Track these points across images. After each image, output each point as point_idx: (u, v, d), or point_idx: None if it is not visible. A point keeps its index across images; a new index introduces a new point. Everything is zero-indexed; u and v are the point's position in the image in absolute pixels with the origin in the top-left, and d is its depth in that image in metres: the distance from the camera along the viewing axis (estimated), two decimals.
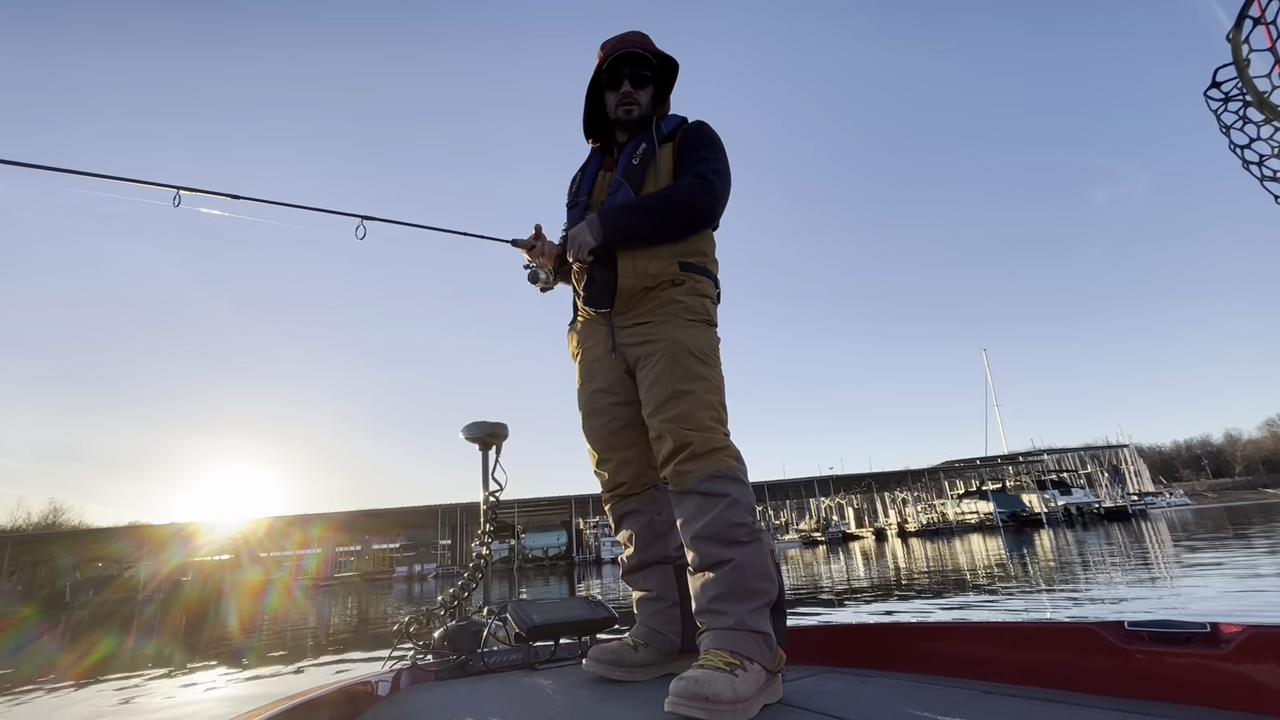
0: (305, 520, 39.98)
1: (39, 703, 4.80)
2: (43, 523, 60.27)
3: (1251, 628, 0.91)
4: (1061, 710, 0.95)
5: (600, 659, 1.43)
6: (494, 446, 2.24)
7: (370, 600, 17.26)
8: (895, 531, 42.23)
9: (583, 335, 1.60)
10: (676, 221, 1.44)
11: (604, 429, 1.53)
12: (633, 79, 1.56)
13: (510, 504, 39.93)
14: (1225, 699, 0.91)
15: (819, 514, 48.55)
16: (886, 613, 6.19)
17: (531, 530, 41.94)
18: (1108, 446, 65.30)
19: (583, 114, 1.69)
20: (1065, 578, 7.77)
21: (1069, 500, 39.94)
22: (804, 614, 6.52)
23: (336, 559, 45.58)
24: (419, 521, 43.26)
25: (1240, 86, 1.05)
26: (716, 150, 1.50)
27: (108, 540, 38.64)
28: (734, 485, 1.30)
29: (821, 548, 30.02)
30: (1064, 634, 1.11)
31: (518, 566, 37.16)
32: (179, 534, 38.07)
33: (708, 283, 1.50)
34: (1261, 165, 1.05)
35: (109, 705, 4.54)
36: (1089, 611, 5.11)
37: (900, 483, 51.73)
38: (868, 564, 14.38)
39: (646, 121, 1.60)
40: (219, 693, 4.78)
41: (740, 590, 1.22)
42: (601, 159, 1.67)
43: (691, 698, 1.03)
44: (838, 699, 1.13)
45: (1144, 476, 66.39)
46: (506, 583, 21.10)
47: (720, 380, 1.43)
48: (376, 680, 1.51)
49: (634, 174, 1.50)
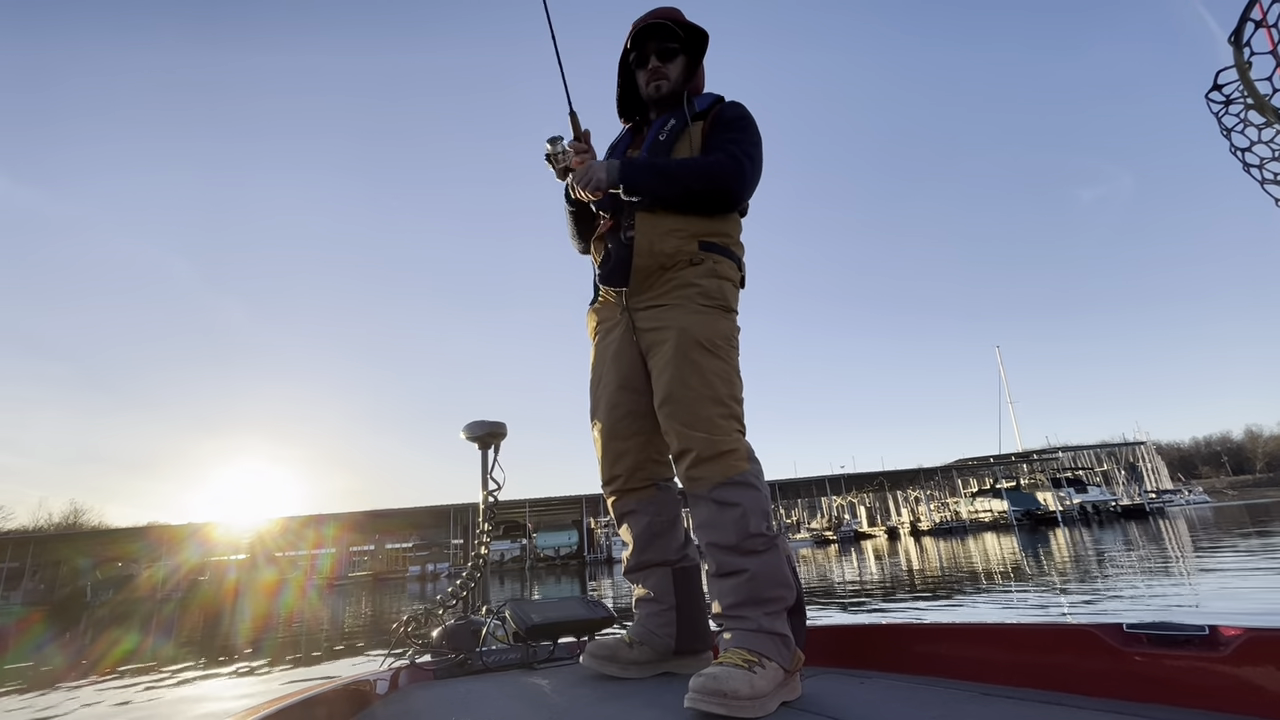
0: (319, 520, 40.36)
1: (65, 696, 4.91)
2: (64, 523, 61.36)
3: (1250, 630, 0.90)
4: (1060, 712, 0.95)
5: (596, 654, 1.43)
6: (493, 446, 2.23)
7: (383, 599, 17.40)
8: (908, 530, 41.90)
9: (601, 316, 1.56)
10: (698, 194, 1.36)
11: (608, 415, 1.48)
12: (660, 53, 1.51)
13: (521, 503, 40.12)
14: (1224, 701, 0.90)
15: (831, 513, 48.30)
16: (907, 611, 6.17)
17: (543, 530, 42.12)
18: (1125, 444, 64.33)
19: (616, 94, 1.64)
20: (1082, 577, 7.68)
21: (1085, 498, 39.46)
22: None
23: (350, 558, 45.96)
24: (430, 521, 43.55)
25: (1242, 89, 1.04)
26: (751, 133, 1.44)
27: (127, 540, 39.26)
28: (746, 493, 1.27)
29: (833, 547, 29.87)
30: (1062, 636, 1.10)
31: (530, 566, 37.33)
32: (196, 534, 38.60)
33: (729, 264, 1.41)
34: (1263, 168, 1.05)
35: (132, 698, 4.63)
36: (1111, 612, 5.06)
37: (913, 481, 51.32)
38: (880, 563, 14.30)
39: (677, 97, 1.53)
40: (237, 688, 4.86)
41: (757, 598, 1.22)
42: (632, 137, 1.61)
43: (711, 693, 1.04)
44: (836, 700, 1.13)
45: (1162, 474, 65.38)
46: (519, 582, 21.19)
47: (734, 372, 1.36)
48: (375, 679, 1.51)
49: (660, 149, 1.45)
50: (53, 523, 60.49)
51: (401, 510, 40.08)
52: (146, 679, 5.73)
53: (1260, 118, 1.01)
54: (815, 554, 23.15)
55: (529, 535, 41.13)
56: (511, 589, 17.26)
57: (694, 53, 1.57)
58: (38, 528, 56.30)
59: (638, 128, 1.63)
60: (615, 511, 1.54)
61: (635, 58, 1.54)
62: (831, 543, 35.25)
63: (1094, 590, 6.39)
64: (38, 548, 38.16)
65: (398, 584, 31.38)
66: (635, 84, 1.59)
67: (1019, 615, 5.27)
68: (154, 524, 44.87)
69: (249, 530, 41.31)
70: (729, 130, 1.43)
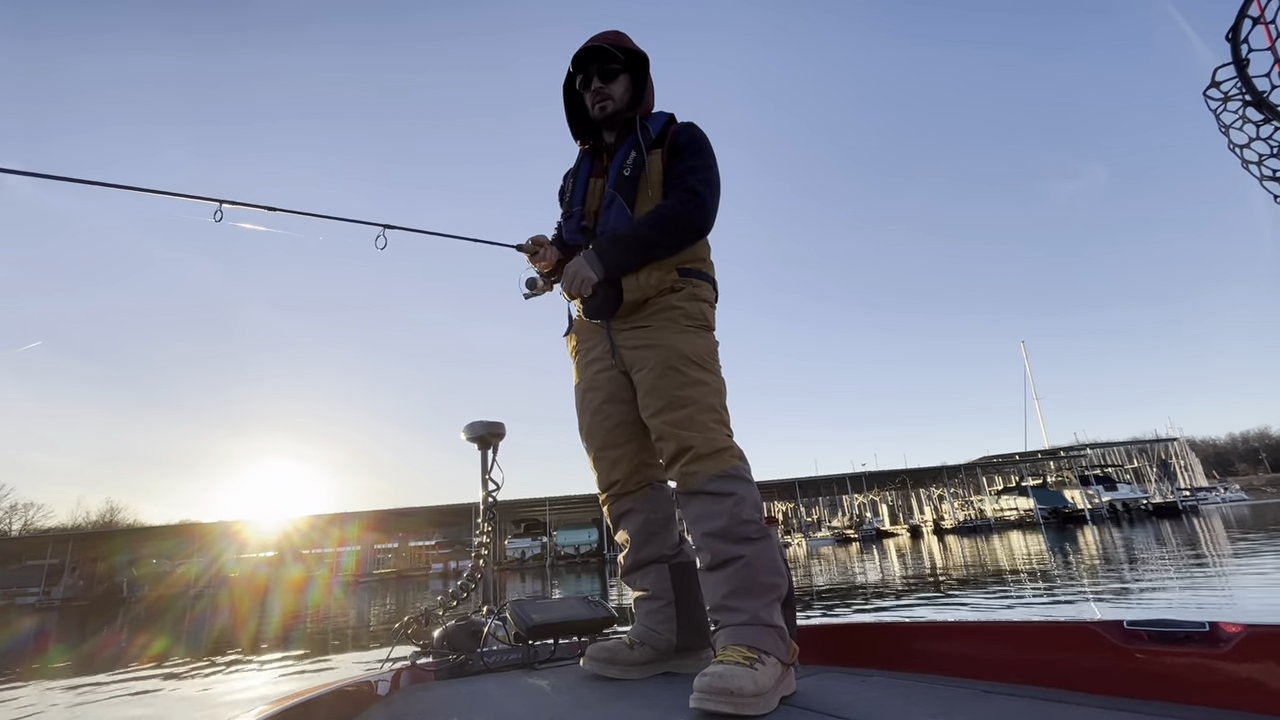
0: (343, 519, 41.04)
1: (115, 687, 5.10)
2: (100, 521, 63.22)
3: (1251, 627, 0.91)
4: (1061, 710, 0.95)
5: (596, 657, 1.45)
6: (492, 446, 2.25)
7: (406, 596, 17.67)
8: (931, 529, 41.34)
9: (581, 337, 1.63)
10: (673, 243, 1.45)
11: (599, 427, 1.54)
12: (601, 74, 1.56)
13: (541, 502, 40.38)
14: (1224, 698, 0.90)
15: (852, 511, 47.80)
16: (933, 609, 6.11)
17: (563, 528, 42.35)
18: (1156, 440, 62.56)
19: (565, 118, 1.69)
20: (1111, 576, 7.53)
21: (1114, 496, 38.45)
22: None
23: (374, 556, 46.67)
24: (452, 520, 43.96)
25: (1239, 86, 1.04)
26: (704, 157, 1.50)
27: (160, 538, 40.31)
28: (740, 484, 1.33)
29: (855, 545, 29.59)
30: (1063, 633, 1.10)
31: (550, 564, 37.58)
32: (226, 531, 39.50)
33: (706, 287, 1.51)
34: (1261, 165, 1.04)
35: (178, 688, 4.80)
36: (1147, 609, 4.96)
37: (936, 479, 50.54)
38: (903, 561, 14.15)
39: (630, 123, 1.58)
40: (274, 680, 5.00)
41: (753, 586, 1.25)
42: (592, 164, 1.66)
43: (717, 693, 1.05)
44: (837, 698, 1.14)
45: (1196, 471, 63.44)
46: (540, 580, 21.35)
47: (720, 384, 1.45)
48: (376, 680, 1.51)
49: (625, 185, 1.51)
50: (90, 521, 62.45)
51: (424, 509, 40.59)
52: (185, 670, 5.93)
53: (1258, 114, 1.00)
54: (836, 552, 22.95)
55: (550, 534, 41.43)
56: (533, 587, 17.40)
57: (637, 72, 1.60)
58: (76, 526, 58.12)
59: (595, 151, 1.67)
60: (613, 514, 1.58)
61: (580, 81, 1.59)
62: (853, 541, 34.90)
63: (1124, 588, 6.27)
64: (77, 545, 39.35)
65: (420, 581, 31.80)
66: (584, 107, 1.63)
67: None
68: (186, 522, 46.10)
69: (276, 528, 42.19)
70: (685, 158, 1.49)
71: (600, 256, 1.43)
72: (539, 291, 1.67)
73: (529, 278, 1.66)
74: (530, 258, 1.69)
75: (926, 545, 22.25)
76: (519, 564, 38.14)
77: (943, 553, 16.30)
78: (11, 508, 55.75)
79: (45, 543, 39.49)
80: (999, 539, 22.01)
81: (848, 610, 6.52)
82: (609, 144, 1.63)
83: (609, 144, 1.63)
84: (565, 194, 1.70)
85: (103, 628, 13.42)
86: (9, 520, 54.99)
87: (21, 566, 37.81)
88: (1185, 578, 6.76)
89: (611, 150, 1.61)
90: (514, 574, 29.66)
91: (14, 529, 53.98)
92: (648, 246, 1.43)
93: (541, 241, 1.70)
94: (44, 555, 38.13)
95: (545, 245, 1.69)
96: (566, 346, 1.70)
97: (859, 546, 26.94)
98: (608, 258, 1.43)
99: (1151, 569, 7.92)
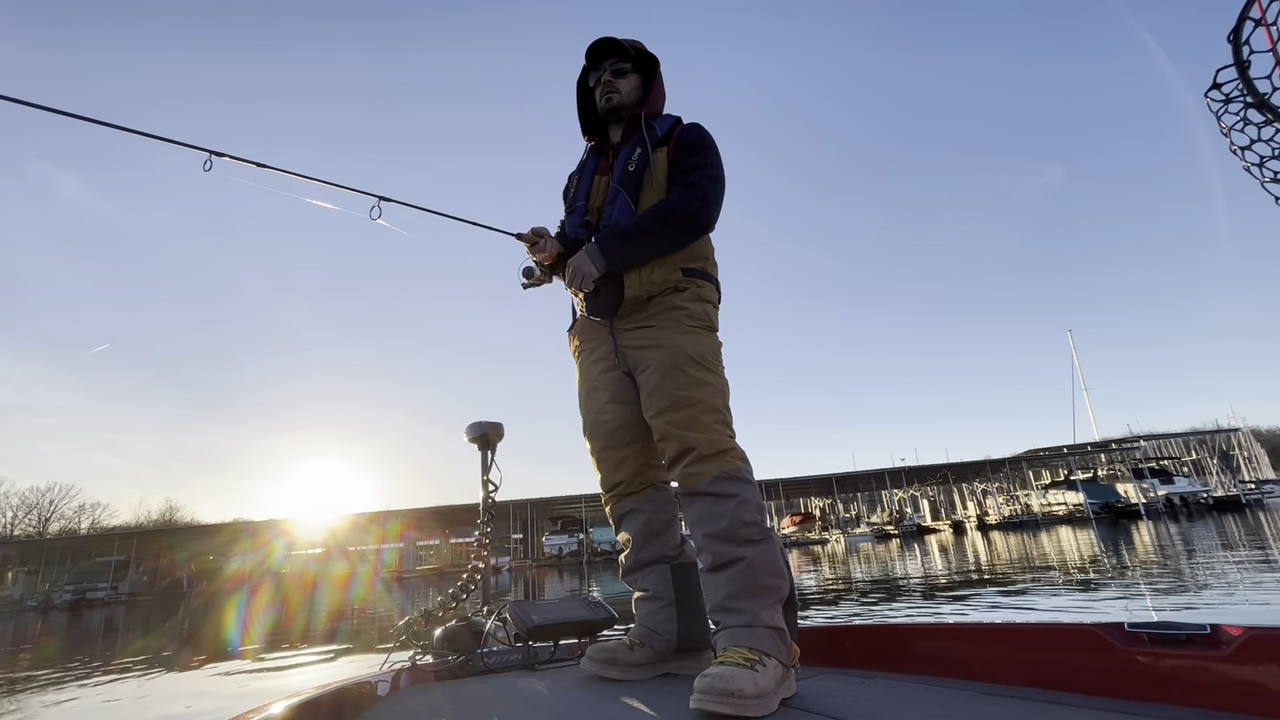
0: (385, 516, 42.24)
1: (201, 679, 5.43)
2: (161, 519, 66.35)
3: (1251, 629, 0.91)
4: (1062, 711, 0.95)
5: (596, 658, 1.45)
6: (491, 446, 2.26)
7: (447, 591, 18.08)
8: (975, 524, 40.26)
9: (583, 336, 1.63)
10: (676, 238, 1.46)
11: (602, 427, 1.54)
12: (612, 71, 1.60)
13: (577, 499, 40.78)
14: (1225, 701, 0.90)
15: (892, 506, 46.90)
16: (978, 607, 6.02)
17: (599, 524, 42.71)
18: (1217, 430, 59.54)
19: (577, 114, 1.72)
20: (1171, 575, 7.17)
21: (1171, 490, 36.81)
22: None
23: (416, 553, 47.89)
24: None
25: (1241, 88, 1.03)
26: (709, 155, 1.51)
27: (215, 535, 42.23)
28: (742, 485, 1.33)
29: (895, 541, 29.05)
30: (1064, 635, 1.10)
31: (587, 560, 37.97)
32: (276, 529, 41.15)
33: (709, 287, 1.51)
34: (1262, 166, 1.02)
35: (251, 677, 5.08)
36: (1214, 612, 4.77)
37: (979, 474, 49.14)
38: (945, 557, 13.86)
39: (635, 120, 1.60)
40: (325, 668, 5.25)
41: (754, 587, 1.25)
42: (598, 161, 1.67)
43: (718, 694, 1.05)
44: (837, 700, 1.14)
45: (1261, 462, 59.97)
46: (577, 576, 21.60)
47: (723, 385, 1.44)
48: (376, 680, 1.51)
49: (630, 180, 1.52)
50: (151, 519, 65.56)
51: (463, 506, 41.47)
52: (247, 662, 6.25)
53: (1259, 116, 0.99)
54: (875, 549, 22.58)
55: (585, 530, 41.86)
56: (570, 584, 17.63)
57: (647, 72, 1.64)
58: (139, 524, 61.17)
59: (600, 148, 1.69)
60: (615, 515, 1.58)
61: (592, 76, 1.63)
62: (893, 537, 34.27)
63: (1186, 589, 6.04)
64: (141, 542, 41.51)
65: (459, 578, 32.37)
66: (595, 103, 1.66)
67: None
68: (239, 520, 48.18)
69: (323, 526, 43.72)
70: (691, 155, 1.51)
71: (603, 251, 1.44)
72: (536, 281, 1.67)
73: (526, 266, 1.66)
74: (530, 248, 1.68)
75: (971, 541, 21.71)
76: (556, 560, 38.63)
77: (988, 548, 15.89)
78: (80, 507, 58.93)
79: (112, 540, 41.78)
80: (1047, 535, 21.33)
81: (896, 612, 6.46)
82: (615, 142, 1.65)
83: (615, 142, 1.65)
84: (570, 190, 1.71)
85: (165, 621, 14.16)
86: (78, 519, 58.22)
87: (91, 563, 40.08)
88: (1252, 576, 6.41)
89: (617, 148, 1.63)
90: (552, 571, 30.03)
91: (83, 527, 57.09)
92: (651, 240, 1.44)
93: (542, 233, 1.69)
94: (111, 552, 40.34)
95: (546, 236, 1.68)
96: (569, 346, 1.70)
97: (899, 543, 26.44)
98: (610, 252, 1.44)
99: (1211, 569, 7.46)
